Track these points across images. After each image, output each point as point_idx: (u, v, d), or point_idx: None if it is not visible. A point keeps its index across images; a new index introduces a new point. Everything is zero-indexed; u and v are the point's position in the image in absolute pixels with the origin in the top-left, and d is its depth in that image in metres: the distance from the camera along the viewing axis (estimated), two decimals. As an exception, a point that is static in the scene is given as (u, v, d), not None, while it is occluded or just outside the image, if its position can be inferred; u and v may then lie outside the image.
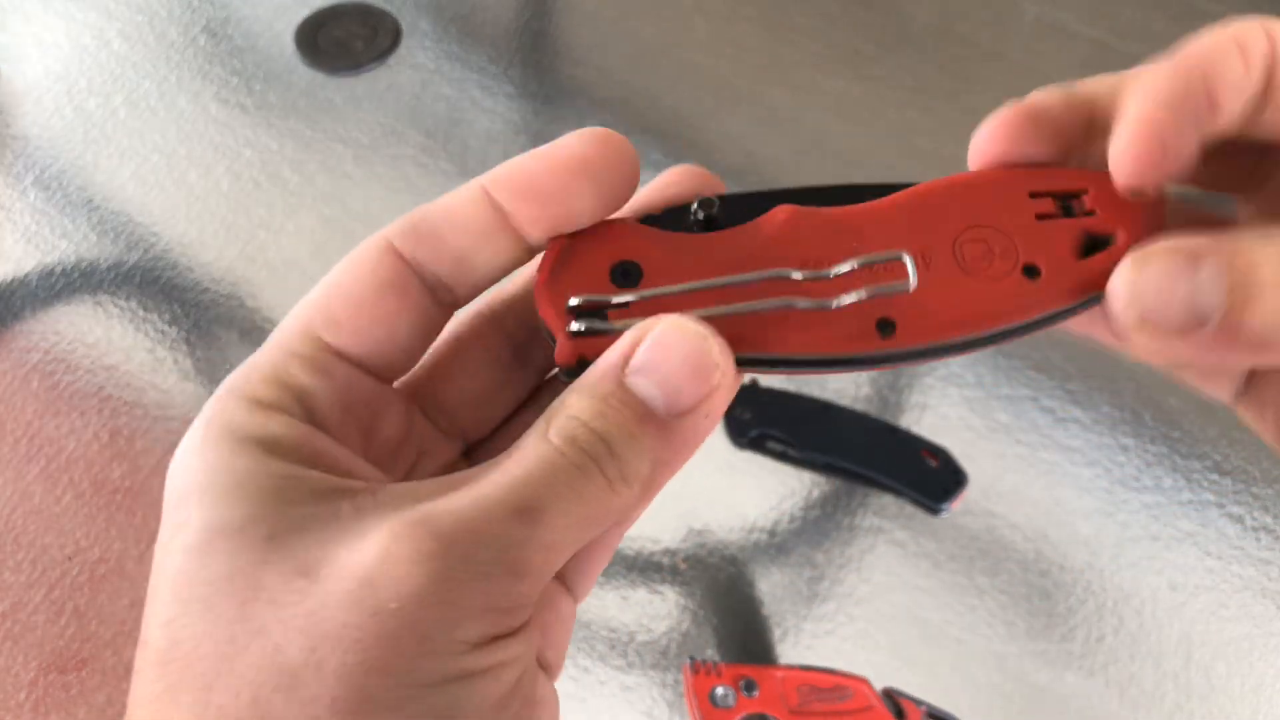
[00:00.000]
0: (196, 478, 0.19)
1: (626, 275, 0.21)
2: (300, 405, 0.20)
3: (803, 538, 0.55)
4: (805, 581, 0.53)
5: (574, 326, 0.21)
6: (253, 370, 0.21)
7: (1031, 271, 0.22)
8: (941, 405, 0.59)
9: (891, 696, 0.48)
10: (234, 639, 0.17)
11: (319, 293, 0.21)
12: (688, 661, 0.47)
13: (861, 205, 0.22)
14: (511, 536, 0.18)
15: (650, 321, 0.20)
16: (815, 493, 0.56)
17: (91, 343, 0.61)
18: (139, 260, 0.64)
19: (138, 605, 0.52)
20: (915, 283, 0.21)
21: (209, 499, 0.18)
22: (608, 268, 0.21)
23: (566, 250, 0.22)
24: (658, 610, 0.52)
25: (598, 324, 0.21)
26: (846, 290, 0.21)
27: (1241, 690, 0.51)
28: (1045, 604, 0.53)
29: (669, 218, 0.22)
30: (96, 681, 0.50)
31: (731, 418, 0.57)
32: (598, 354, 0.20)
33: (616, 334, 0.20)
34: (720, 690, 0.46)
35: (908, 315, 0.21)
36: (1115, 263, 0.21)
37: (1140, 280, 0.20)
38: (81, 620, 0.52)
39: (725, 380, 0.20)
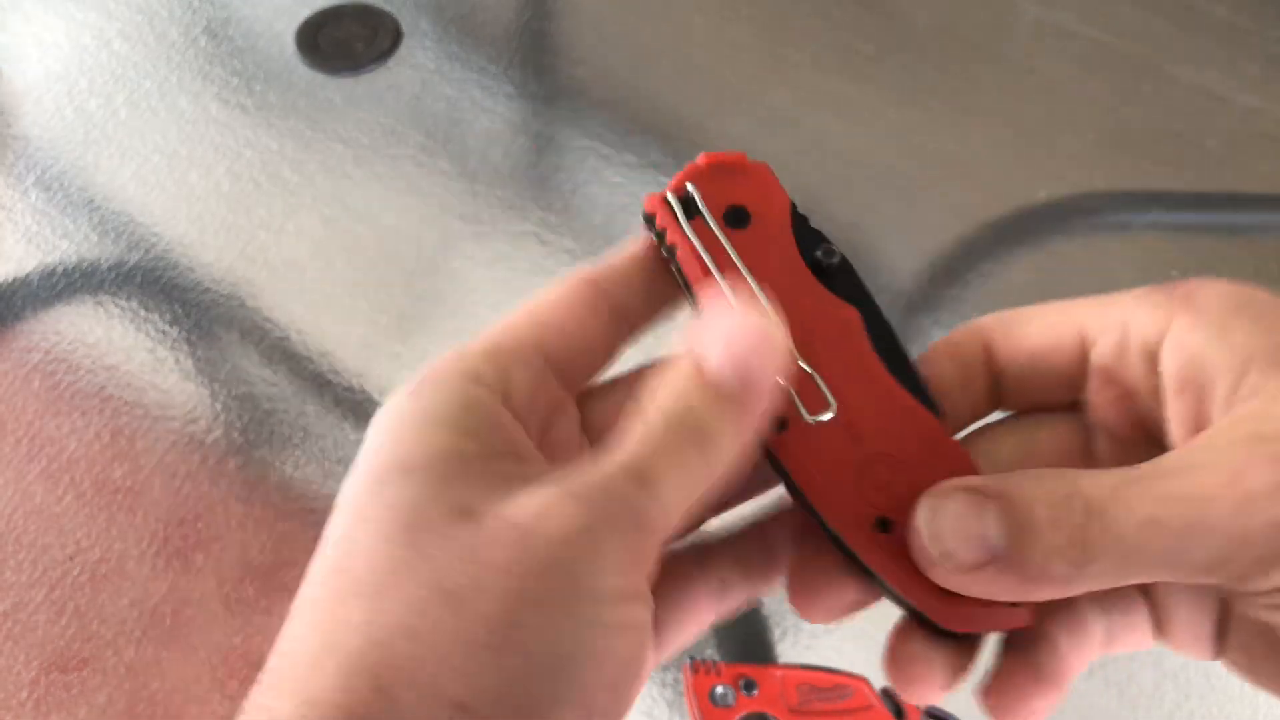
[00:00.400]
0: (396, 418, 0.22)
1: (738, 218, 0.25)
2: (501, 386, 0.24)
3: (802, 537, 0.55)
4: (805, 581, 0.53)
5: (669, 196, 0.25)
6: (471, 347, 0.24)
7: (884, 524, 0.24)
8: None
9: (891, 696, 0.48)
10: (403, 559, 0.20)
11: (530, 303, 0.26)
12: (687, 661, 0.48)
13: (900, 379, 0.25)
14: (635, 496, 0.21)
15: (726, 312, 0.23)
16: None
17: (92, 343, 0.61)
18: (140, 260, 0.64)
19: (138, 605, 0.52)
20: (815, 420, 0.24)
21: (400, 439, 0.22)
22: (729, 203, 0.25)
23: (709, 169, 0.25)
24: (658, 610, 0.52)
25: (680, 216, 0.25)
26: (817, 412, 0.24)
27: (1240, 689, 0.51)
28: (1044, 604, 0.53)
29: (805, 227, 0.26)
30: (97, 681, 0.51)
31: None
32: (666, 224, 0.25)
33: (684, 237, 0.24)
34: (720, 689, 0.46)
35: (798, 435, 0.24)
36: (929, 599, 0.23)
37: (935, 521, 0.23)
38: (82, 620, 0.52)
39: (780, 380, 0.23)
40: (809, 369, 0.24)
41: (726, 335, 0.23)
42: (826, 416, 0.24)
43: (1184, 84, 0.73)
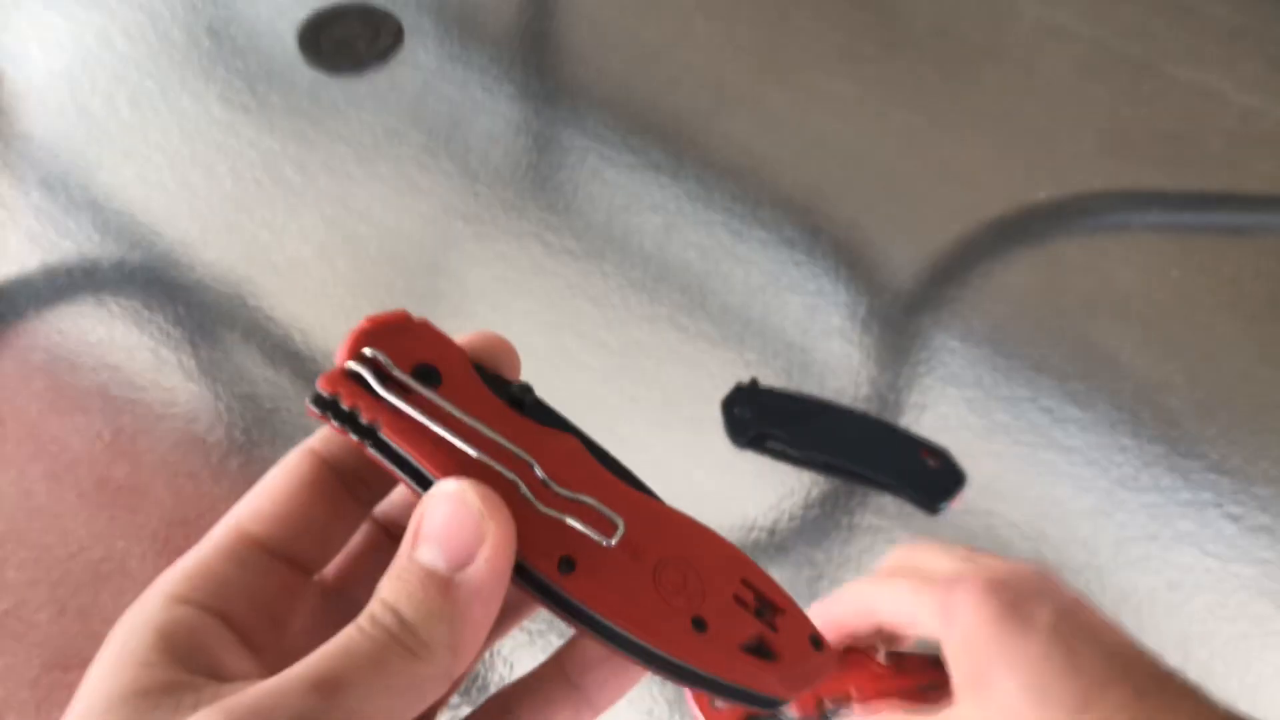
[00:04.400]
0: (100, 660, 0.21)
1: (428, 375, 0.23)
2: (216, 600, 0.22)
3: (802, 537, 0.55)
4: (805, 581, 0.54)
5: (351, 366, 0.23)
6: (182, 565, 0.23)
7: (699, 624, 0.23)
8: (941, 405, 0.59)
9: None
10: None
11: (251, 492, 0.24)
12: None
13: (632, 487, 0.24)
14: (306, 709, 0.19)
15: (429, 492, 0.22)
16: (815, 492, 0.56)
17: (94, 342, 0.61)
18: (142, 260, 0.64)
19: (140, 603, 0.53)
20: (613, 543, 0.23)
21: (91, 683, 0.21)
22: (413, 363, 0.23)
23: (379, 331, 0.24)
24: (658, 609, 0.52)
25: (375, 384, 0.23)
26: (563, 510, 0.23)
27: (1240, 689, 0.51)
28: (1044, 603, 0.53)
29: (484, 371, 0.24)
30: (99, 679, 0.51)
31: (732, 417, 0.57)
32: (354, 400, 0.22)
33: (388, 407, 0.22)
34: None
35: (588, 569, 0.22)
36: (763, 675, 0.23)
37: None
38: (84, 619, 0.52)
39: (497, 529, 0.21)
40: (582, 497, 0.23)
41: (431, 510, 0.21)
42: (618, 536, 0.23)
43: (1183, 84, 0.73)
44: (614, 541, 0.23)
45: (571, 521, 0.22)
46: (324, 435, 0.24)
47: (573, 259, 0.65)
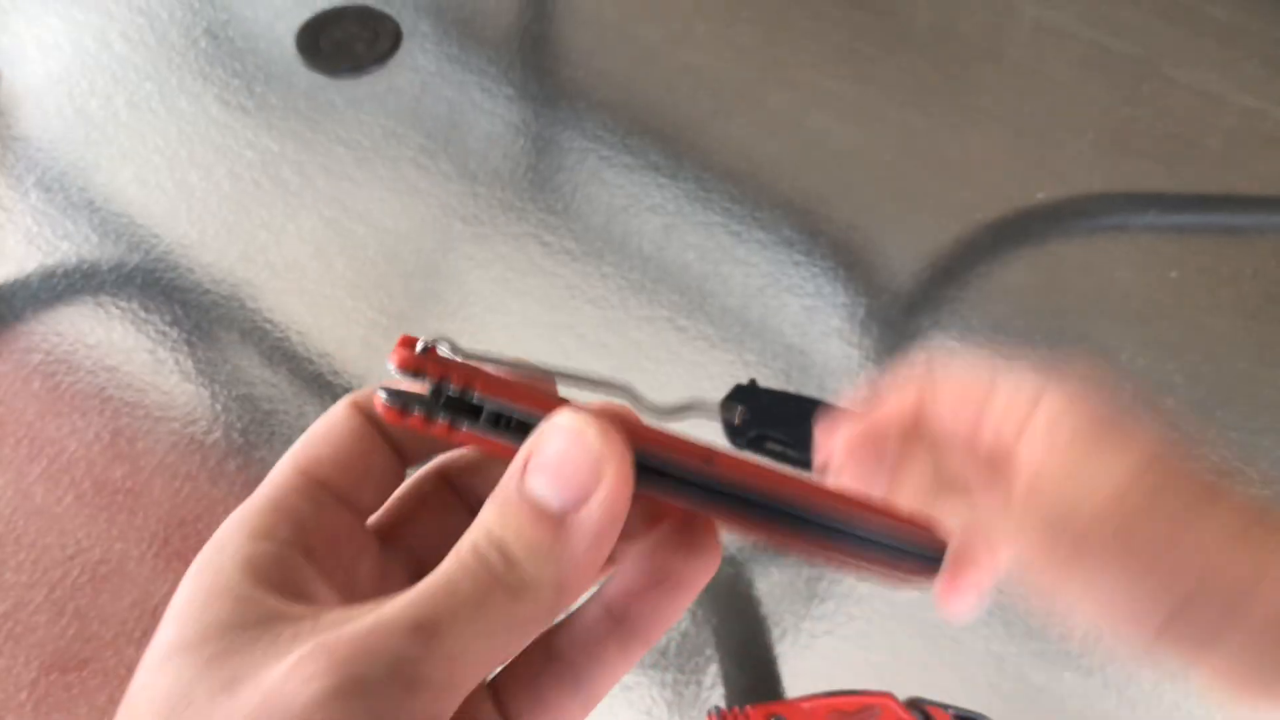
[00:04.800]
0: (181, 596, 0.21)
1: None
2: (295, 534, 0.22)
3: (802, 538, 0.55)
4: (804, 581, 0.54)
5: (423, 341, 0.22)
6: (253, 500, 0.22)
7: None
8: (940, 406, 0.59)
9: (919, 706, 0.47)
10: None
11: (304, 440, 0.23)
12: (713, 711, 0.46)
13: None
14: (405, 651, 0.18)
15: (545, 423, 0.21)
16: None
17: (93, 344, 0.61)
18: (140, 261, 0.64)
19: (139, 605, 0.52)
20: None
21: (178, 618, 0.20)
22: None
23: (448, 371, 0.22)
24: (657, 610, 0.52)
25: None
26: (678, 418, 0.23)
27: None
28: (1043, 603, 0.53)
29: None
30: (98, 682, 0.51)
31: (731, 417, 0.57)
32: (441, 368, 0.22)
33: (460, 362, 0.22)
34: None
35: (725, 461, 0.22)
36: (919, 529, 0.23)
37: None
38: (83, 620, 0.52)
39: (615, 468, 0.20)
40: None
41: (545, 442, 0.20)
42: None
43: (1183, 85, 0.73)
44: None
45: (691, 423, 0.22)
46: (366, 392, 0.23)
47: (571, 260, 0.65)
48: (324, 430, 0.23)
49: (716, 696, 0.51)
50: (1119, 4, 0.77)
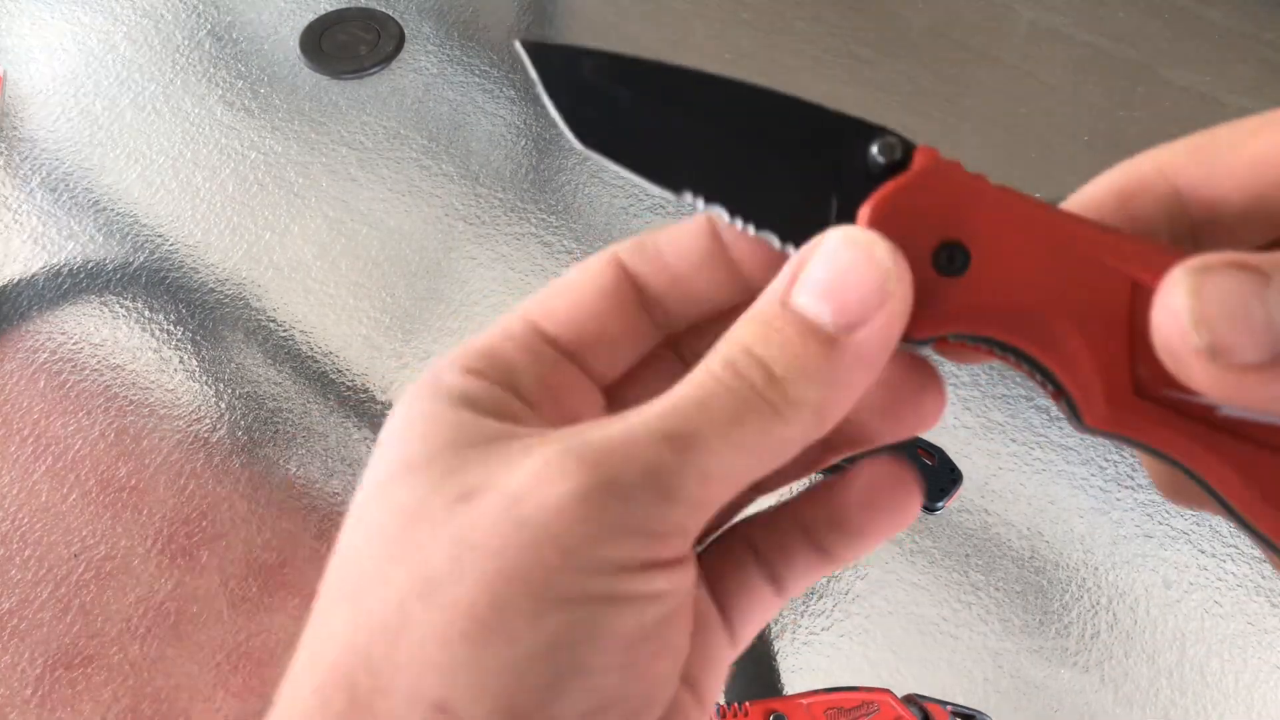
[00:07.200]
0: (398, 424, 0.20)
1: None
2: (505, 378, 0.21)
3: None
4: (803, 578, 0.54)
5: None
6: (470, 345, 0.22)
7: None
8: (938, 405, 0.59)
9: (916, 702, 0.48)
10: (392, 555, 0.18)
11: (545, 289, 0.22)
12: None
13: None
14: (661, 460, 0.18)
15: (819, 237, 0.19)
16: (813, 491, 0.57)
17: (98, 343, 0.61)
18: (145, 261, 0.65)
19: (143, 602, 0.53)
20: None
21: (404, 438, 0.20)
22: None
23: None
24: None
25: None
26: None
27: (1235, 686, 0.51)
28: (1040, 601, 0.53)
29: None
30: (102, 678, 0.51)
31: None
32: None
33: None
34: None
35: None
36: None
37: (1202, 302, 0.17)
38: (87, 617, 0.52)
39: (900, 288, 0.19)
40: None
41: (827, 259, 0.18)
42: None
43: (1178, 87, 0.73)
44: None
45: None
46: (632, 247, 0.22)
47: (573, 260, 0.65)
48: (569, 284, 0.22)
49: (716, 692, 0.51)
50: (1114, 7, 0.78)
